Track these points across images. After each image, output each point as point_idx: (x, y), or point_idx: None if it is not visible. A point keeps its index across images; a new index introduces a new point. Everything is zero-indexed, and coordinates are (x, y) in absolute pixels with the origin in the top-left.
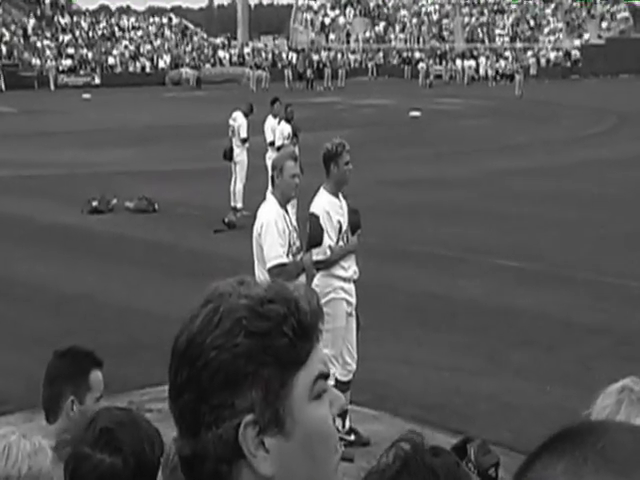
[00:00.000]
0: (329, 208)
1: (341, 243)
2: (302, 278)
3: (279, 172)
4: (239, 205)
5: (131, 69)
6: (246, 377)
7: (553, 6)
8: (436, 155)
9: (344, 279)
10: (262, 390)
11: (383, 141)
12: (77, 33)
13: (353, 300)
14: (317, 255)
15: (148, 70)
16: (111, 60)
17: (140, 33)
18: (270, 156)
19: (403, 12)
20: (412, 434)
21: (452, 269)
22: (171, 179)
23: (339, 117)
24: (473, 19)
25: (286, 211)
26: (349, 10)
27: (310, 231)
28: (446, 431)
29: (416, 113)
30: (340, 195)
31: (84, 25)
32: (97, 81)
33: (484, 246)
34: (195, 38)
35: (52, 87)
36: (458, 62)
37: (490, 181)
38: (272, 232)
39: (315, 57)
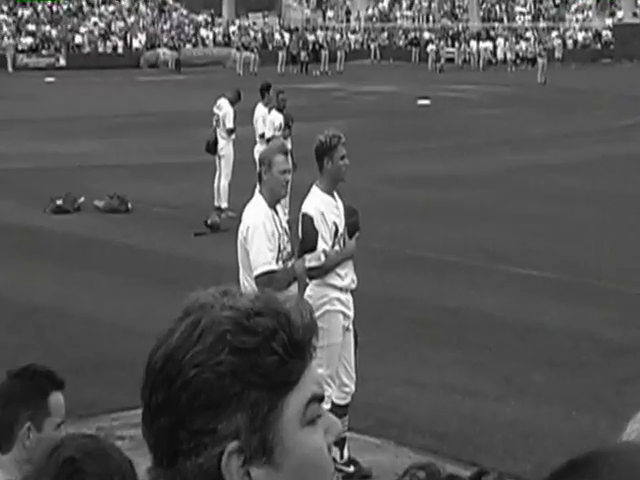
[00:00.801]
0: (323, 208)
1: (337, 248)
2: (293, 288)
3: (267, 167)
4: (224, 205)
5: (101, 49)
6: (230, 399)
7: None
8: (447, 149)
9: (341, 289)
10: (248, 414)
11: (387, 133)
12: (39, 7)
13: (351, 313)
14: (310, 261)
15: (120, 51)
16: (78, 39)
17: (112, 8)
18: (260, 149)
19: None
20: (427, 463)
21: (465, 278)
22: (146, 175)
23: (337, 105)
24: None
25: (275, 212)
26: None
27: (302, 234)
28: (458, 462)
29: (425, 101)
30: (335, 194)
31: None
32: (62, 62)
33: (501, 252)
34: (174, 15)
35: (10, 69)
36: (473, 44)
37: (508, 178)
38: (260, 235)
39: (311, 37)
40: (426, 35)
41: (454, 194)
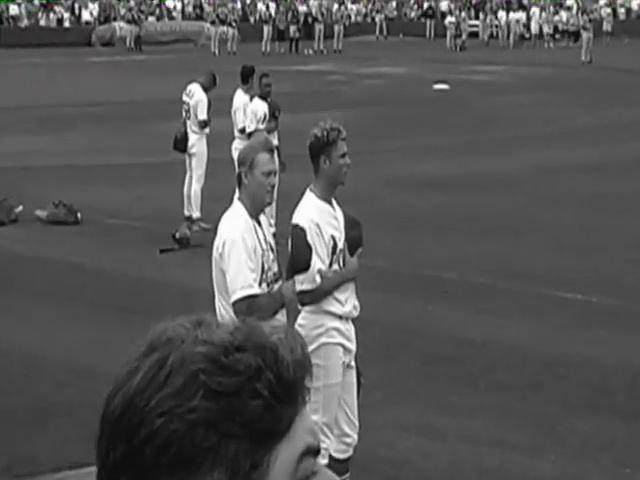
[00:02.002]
0: (319, 218)
1: (336, 267)
2: (281, 316)
3: (248, 168)
4: (195, 214)
5: (43, 23)
6: (205, 454)
7: None
8: (467, 145)
9: (340, 317)
10: (227, 472)
11: (394, 125)
12: None
13: (353, 346)
14: (302, 284)
15: (67, 25)
16: (13, 9)
17: None
18: (239, 146)
19: None
20: None
21: (491, 304)
22: (99, 178)
23: (334, 92)
24: None
25: (258, 223)
26: None
27: (293, 251)
28: None
29: (442, 86)
30: (334, 200)
31: None
32: None
33: (535, 272)
34: None
35: None
36: (501, 15)
37: (541, 180)
38: (239, 252)
39: (302, 8)
40: (444, 4)
41: (476, 200)
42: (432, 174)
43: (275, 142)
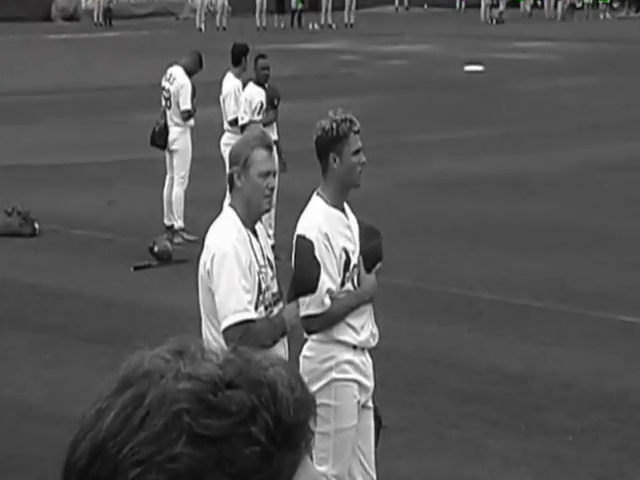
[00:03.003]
0: (328, 228)
1: (349, 286)
2: (282, 347)
3: (242, 169)
4: (178, 223)
5: None
6: None
7: None
8: (507, 138)
9: (354, 347)
10: None
11: (419, 115)
12: None
13: (370, 383)
14: (308, 307)
15: None
16: None
17: None
18: (230, 141)
19: None
20: None
21: (535, 328)
22: (61, 180)
23: (346, 76)
24: None
25: (254, 233)
26: None
27: (297, 267)
28: None
29: (475, 67)
30: (346, 206)
31: None
32: None
33: (590, 291)
34: None
35: None
36: None
37: (594, 181)
38: (231, 269)
39: None
40: None
41: (517, 205)
42: (463, 173)
43: (274, 136)
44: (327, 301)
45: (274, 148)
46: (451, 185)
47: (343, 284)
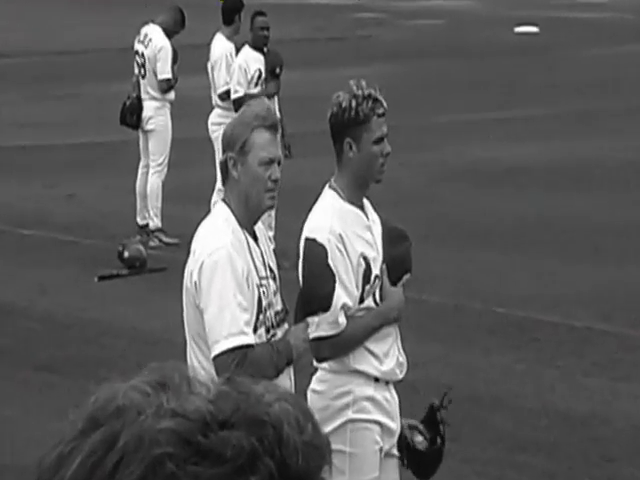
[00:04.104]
0: (344, 230)
1: (369, 302)
2: (287, 378)
3: (238, 155)
4: (154, 222)
5: None
6: None
7: None
8: (568, 118)
9: (376, 380)
10: None
11: (457, 89)
12: None
13: (395, 425)
14: (319, 328)
15: None
16: None
17: None
18: (221, 120)
19: None
20: None
21: (609, 360)
22: (9, 168)
23: (365, 38)
24: None
25: (254, 237)
26: None
27: (306, 278)
28: None
29: (528, 29)
30: (366, 202)
31: None
32: None
33: None
34: None
35: None
36: None
37: None
38: (224, 281)
39: None
40: None
41: (582, 201)
42: (512, 162)
43: (277, 114)
44: (342, 320)
45: (279, 129)
46: (495, 177)
47: (362, 300)
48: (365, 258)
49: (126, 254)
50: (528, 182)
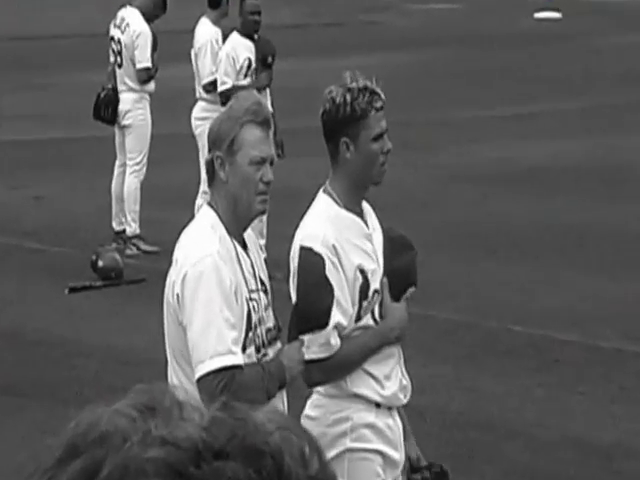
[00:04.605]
0: (338, 238)
1: (368, 320)
2: (280, 403)
3: (226, 154)
4: (132, 228)
5: None
6: None
7: None
8: (596, 113)
9: (377, 405)
10: None
11: (471, 81)
12: None
13: (399, 455)
14: (309, 350)
15: None
16: None
17: None
18: (206, 115)
19: None
20: None
21: (635, 384)
22: None
23: (368, 23)
24: None
25: (243, 245)
26: None
27: (301, 292)
28: None
29: (549, 14)
30: (367, 207)
31: None
32: None
33: None
34: None
35: None
36: None
37: None
38: (209, 295)
39: None
40: None
41: (605, 206)
42: (533, 162)
43: (269, 109)
44: (334, 341)
45: (271, 125)
46: (513, 180)
47: (359, 317)
48: (362, 271)
49: (100, 263)
50: (550, 185)
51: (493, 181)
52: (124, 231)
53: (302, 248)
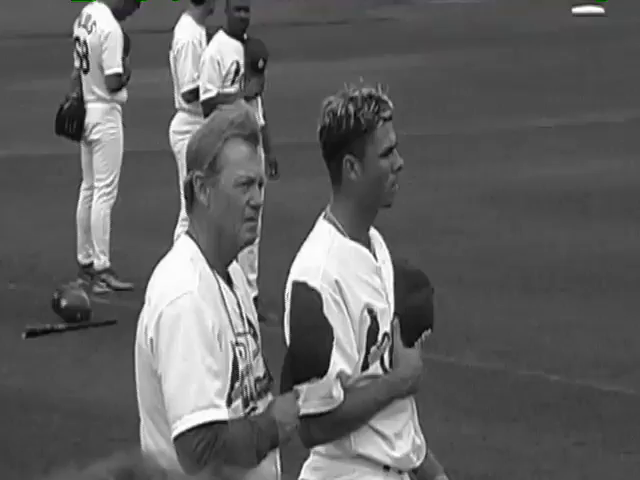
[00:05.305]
0: (341, 273)
1: (376, 369)
2: (271, 465)
3: (208, 173)
4: (100, 261)
5: None
6: None
7: None
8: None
9: (386, 468)
10: None
11: (497, 87)
12: None
13: None
14: (308, 403)
15: None
16: None
17: None
18: (185, 129)
19: None
20: None
21: None
22: None
23: (378, 20)
24: None
25: (228, 281)
26: None
27: (296, 335)
28: None
29: (590, 9)
30: (375, 235)
31: None
32: None
33: None
34: None
35: None
36: None
37: None
38: (188, 339)
39: None
40: None
41: None
42: (572, 184)
43: (261, 121)
44: (337, 393)
45: (260, 140)
46: (548, 203)
47: (366, 365)
48: (371, 311)
49: (63, 303)
50: (592, 210)
51: (527, 204)
52: (91, 265)
53: (295, 283)
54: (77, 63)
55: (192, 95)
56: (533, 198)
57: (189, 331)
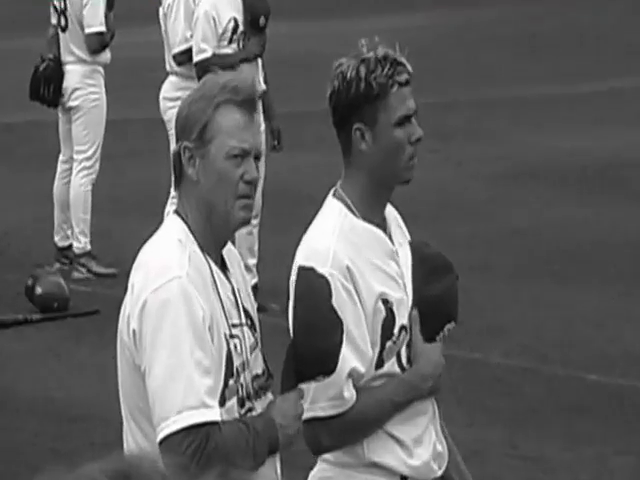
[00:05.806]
0: (352, 257)
1: (392, 366)
2: (270, 473)
3: (197, 144)
4: (80, 243)
5: None
6: None
7: None
8: None
9: (404, 478)
10: None
11: (525, 50)
12: None
13: None
14: (315, 405)
15: None
16: None
17: None
18: (176, 93)
19: None
20: None
21: None
22: None
23: None
24: None
25: (222, 266)
26: None
27: (300, 326)
28: None
29: None
30: (392, 215)
31: None
32: None
33: None
34: None
35: None
36: None
37: None
38: (176, 331)
39: None
40: None
41: None
42: (612, 156)
43: (261, 85)
44: (348, 394)
45: (259, 107)
46: (585, 179)
47: (381, 363)
48: (386, 301)
49: (39, 290)
50: (633, 185)
51: (560, 181)
52: (70, 247)
53: (301, 269)
54: (54, 20)
55: (184, 56)
56: (567, 174)
57: (177, 321)
